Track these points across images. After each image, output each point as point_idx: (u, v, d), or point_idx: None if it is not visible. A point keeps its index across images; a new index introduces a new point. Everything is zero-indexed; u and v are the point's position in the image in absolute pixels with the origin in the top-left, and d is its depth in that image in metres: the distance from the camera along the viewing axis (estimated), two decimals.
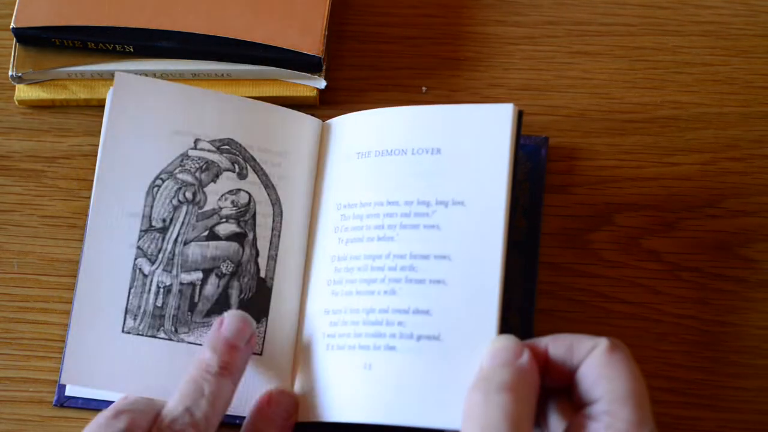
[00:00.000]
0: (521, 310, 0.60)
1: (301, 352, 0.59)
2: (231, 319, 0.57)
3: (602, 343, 0.50)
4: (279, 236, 0.61)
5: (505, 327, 0.54)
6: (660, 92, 0.66)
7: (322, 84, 0.66)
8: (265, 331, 0.59)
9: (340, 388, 0.56)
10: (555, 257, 0.63)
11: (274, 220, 0.61)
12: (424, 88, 0.67)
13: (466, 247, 0.55)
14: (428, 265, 0.55)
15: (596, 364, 0.50)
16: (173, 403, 0.54)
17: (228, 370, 0.55)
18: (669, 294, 0.62)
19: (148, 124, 0.60)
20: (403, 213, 0.57)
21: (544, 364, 0.51)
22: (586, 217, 0.64)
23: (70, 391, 0.60)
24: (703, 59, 0.67)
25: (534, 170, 0.63)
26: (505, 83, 0.67)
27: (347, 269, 0.57)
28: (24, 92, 0.66)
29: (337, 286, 0.58)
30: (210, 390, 0.54)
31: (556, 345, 0.51)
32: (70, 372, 0.58)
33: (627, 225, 0.63)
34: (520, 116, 0.57)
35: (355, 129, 0.61)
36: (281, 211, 0.61)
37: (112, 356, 0.58)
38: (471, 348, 0.53)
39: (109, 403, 0.57)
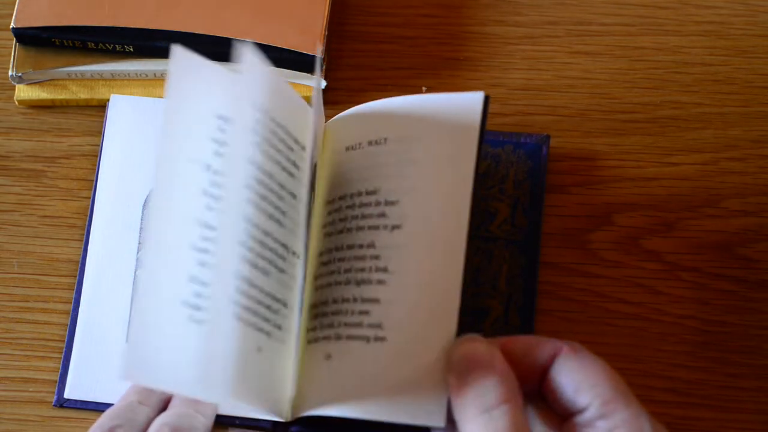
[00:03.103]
0: (522, 310, 0.60)
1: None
2: None
3: (563, 347, 0.49)
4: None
5: (503, 326, 0.53)
6: (660, 92, 0.66)
7: (322, 84, 0.66)
8: None
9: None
10: (555, 257, 0.63)
11: None
12: (424, 88, 0.67)
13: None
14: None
15: (569, 371, 0.49)
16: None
17: None
18: (669, 294, 0.62)
19: (141, 140, 0.63)
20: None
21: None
22: (586, 217, 0.64)
23: (69, 392, 0.60)
24: (703, 59, 0.67)
25: (535, 169, 0.63)
26: (505, 83, 0.67)
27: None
28: (24, 92, 0.66)
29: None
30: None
31: (514, 347, 0.50)
32: (75, 386, 0.59)
33: (627, 225, 0.63)
34: (486, 101, 0.54)
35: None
36: None
37: (116, 367, 0.59)
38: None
39: (108, 404, 0.58)
